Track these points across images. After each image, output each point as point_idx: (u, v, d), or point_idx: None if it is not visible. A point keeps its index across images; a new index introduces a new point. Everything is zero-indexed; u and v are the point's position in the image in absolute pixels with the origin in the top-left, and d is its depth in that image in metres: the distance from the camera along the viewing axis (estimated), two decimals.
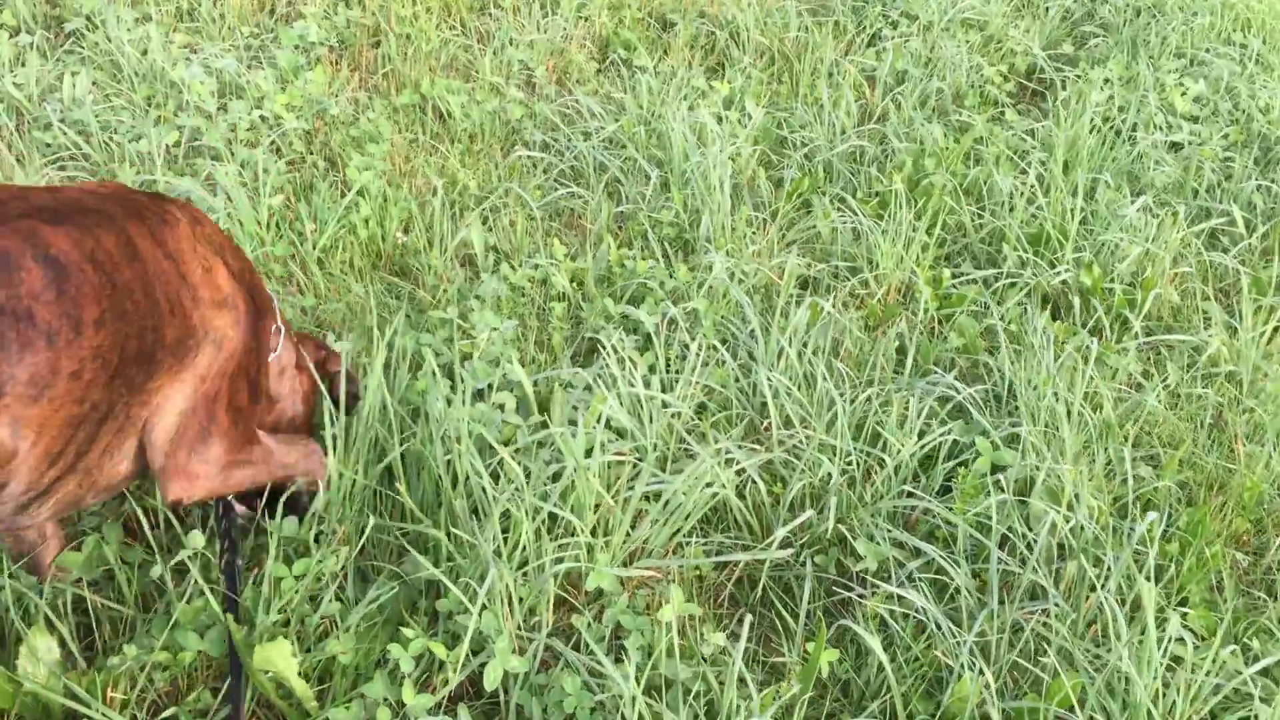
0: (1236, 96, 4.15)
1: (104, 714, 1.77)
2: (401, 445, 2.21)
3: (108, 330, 1.59)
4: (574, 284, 2.98)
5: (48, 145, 3.25)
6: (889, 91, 4.04)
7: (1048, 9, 4.64)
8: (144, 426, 1.76)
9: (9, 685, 1.76)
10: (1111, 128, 3.83)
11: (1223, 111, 4.09)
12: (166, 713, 1.86)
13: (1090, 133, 3.73)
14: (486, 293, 2.83)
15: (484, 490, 2.13)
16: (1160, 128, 3.93)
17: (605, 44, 4.21)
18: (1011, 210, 3.37)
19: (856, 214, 3.29)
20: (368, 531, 2.13)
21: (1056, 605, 2.10)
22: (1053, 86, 4.22)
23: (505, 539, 2.10)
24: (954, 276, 3.21)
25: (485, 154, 3.56)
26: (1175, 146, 3.92)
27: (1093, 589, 2.13)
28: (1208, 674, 1.99)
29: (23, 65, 3.50)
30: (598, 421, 2.36)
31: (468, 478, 2.17)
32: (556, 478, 2.25)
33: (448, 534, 2.11)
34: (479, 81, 3.85)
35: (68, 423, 1.58)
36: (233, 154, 3.26)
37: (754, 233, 3.26)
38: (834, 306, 2.99)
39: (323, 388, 2.21)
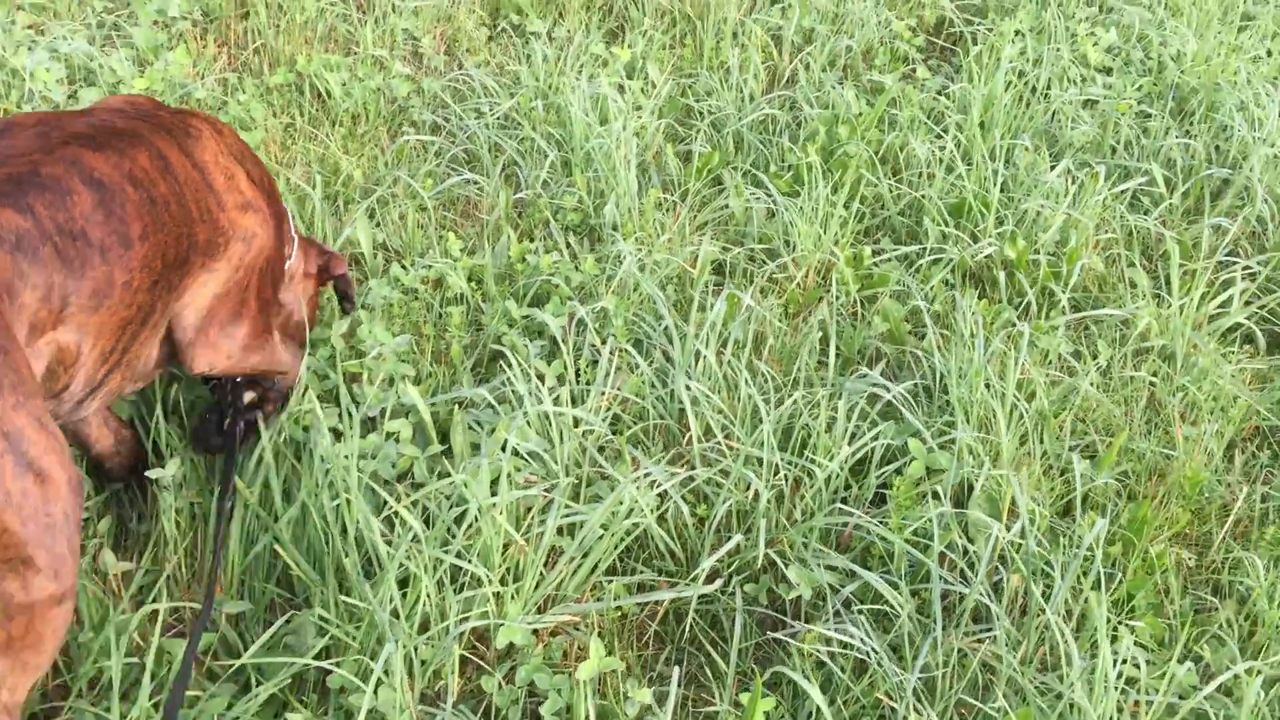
0: (1149, 45, 4.04)
1: None
2: (285, 507, 1.99)
3: (151, 241, 1.75)
4: (472, 283, 2.75)
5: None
6: (797, 52, 3.84)
7: None
8: (173, 318, 1.92)
9: None
10: (1026, 84, 3.69)
11: (1135, 61, 3.98)
12: None
13: (1005, 89, 3.58)
14: (375, 301, 2.59)
15: (376, 547, 1.92)
16: (1074, 81, 3.80)
17: (496, 8, 3.93)
18: (930, 180, 3.21)
19: (770, 191, 3.10)
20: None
21: (1003, 629, 1.97)
22: (963, 40, 4.06)
23: (404, 595, 1.89)
24: (874, 254, 3.05)
25: (370, 137, 3.28)
26: (1090, 102, 3.80)
27: (1041, 611, 2.00)
28: (1162, 694, 1.88)
29: None
30: (503, 448, 2.16)
31: (359, 526, 1.95)
32: (460, 520, 2.05)
33: (336, 599, 1.89)
34: (361, 55, 3.56)
35: (120, 325, 1.74)
36: None
37: (664, 215, 3.05)
38: (752, 295, 2.81)
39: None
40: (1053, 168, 3.35)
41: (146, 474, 2.10)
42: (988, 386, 2.46)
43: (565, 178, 3.13)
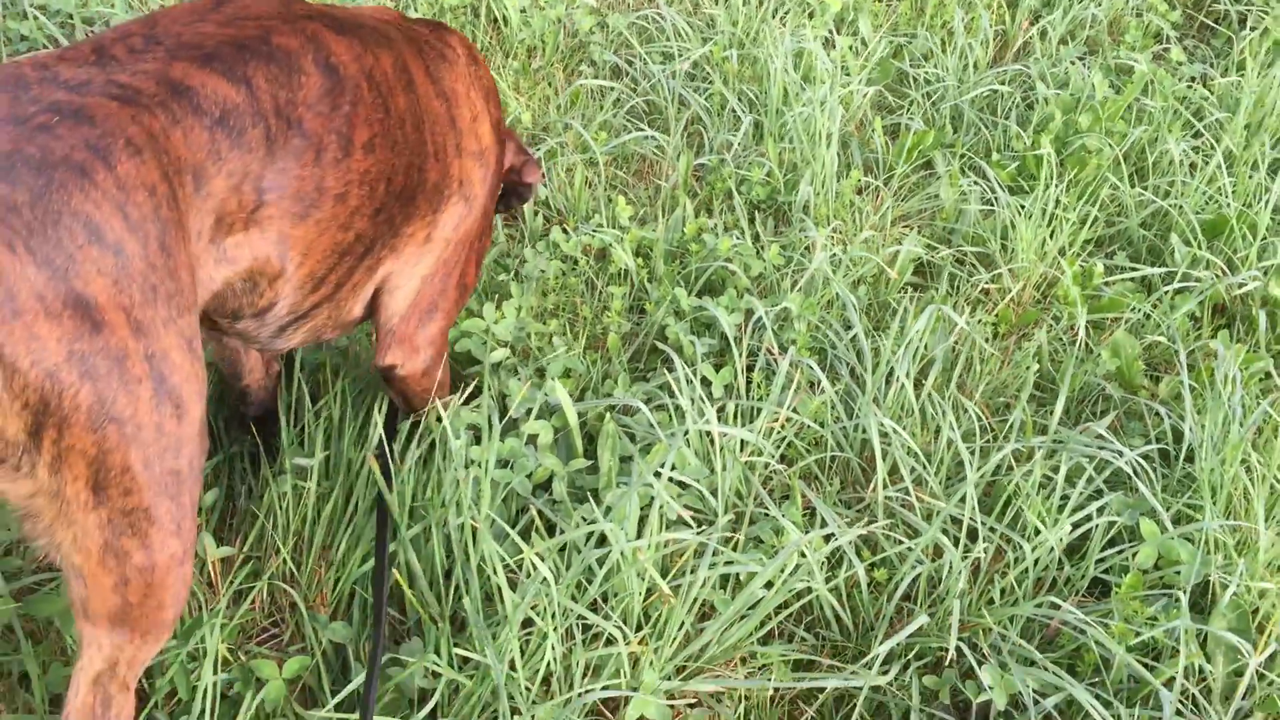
0: None
1: None
2: (408, 519, 1.72)
3: (377, 157, 1.50)
4: (639, 259, 2.43)
5: (23, 38, 2.72)
6: (1035, 19, 3.35)
7: None
8: (384, 278, 1.68)
9: None
10: None
11: None
12: None
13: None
14: (531, 272, 2.29)
15: (500, 589, 1.63)
16: None
17: None
18: (1184, 189, 2.73)
19: (991, 183, 2.67)
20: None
21: None
22: (1228, 20, 3.49)
23: (526, 642, 1.62)
24: (1107, 271, 2.61)
25: (544, 75, 2.97)
26: None
27: None
28: None
29: None
30: (658, 471, 1.85)
31: (483, 561, 1.67)
32: (601, 561, 1.74)
33: (450, 645, 1.62)
34: None
35: (332, 250, 1.51)
36: None
37: (864, 201, 2.66)
38: (958, 308, 2.41)
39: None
40: None
41: (297, 461, 1.85)
42: (1244, 464, 2.03)
43: (755, 144, 2.76)
